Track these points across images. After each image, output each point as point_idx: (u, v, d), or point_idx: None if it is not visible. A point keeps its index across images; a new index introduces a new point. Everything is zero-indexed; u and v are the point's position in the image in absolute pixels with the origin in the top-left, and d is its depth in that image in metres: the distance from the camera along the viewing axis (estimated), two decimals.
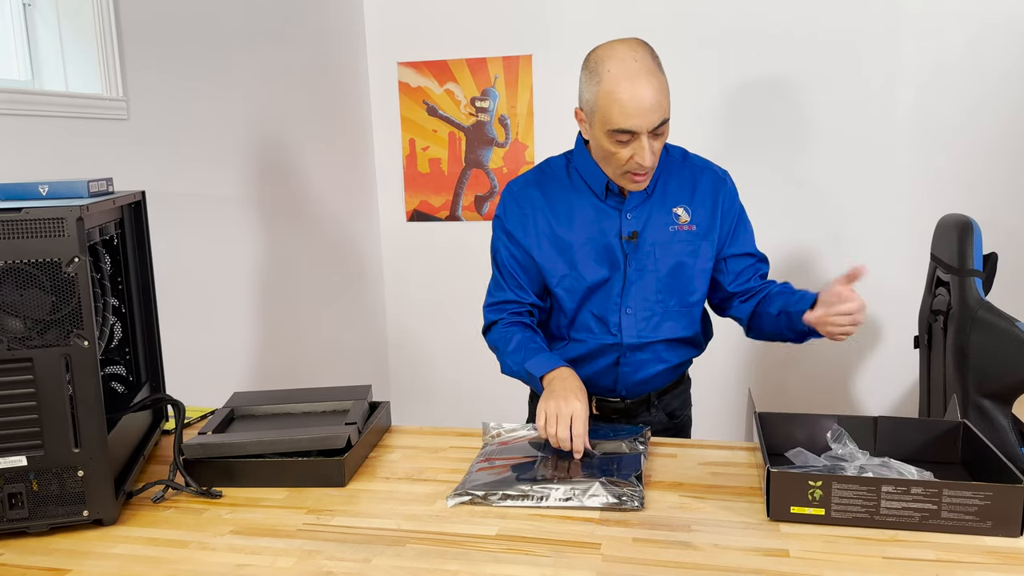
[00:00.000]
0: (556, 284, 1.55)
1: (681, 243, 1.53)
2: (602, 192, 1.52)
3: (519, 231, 1.56)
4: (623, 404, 1.62)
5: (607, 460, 1.31)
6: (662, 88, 1.36)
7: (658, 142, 1.40)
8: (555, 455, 1.34)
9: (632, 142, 1.38)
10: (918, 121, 2.77)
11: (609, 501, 1.18)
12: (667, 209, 1.53)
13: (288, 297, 2.70)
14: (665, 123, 1.38)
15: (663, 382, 1.64)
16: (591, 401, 1.59)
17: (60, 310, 1.09)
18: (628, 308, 1.54)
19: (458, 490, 1.23)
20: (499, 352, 1.57)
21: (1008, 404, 1.97)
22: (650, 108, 1.34)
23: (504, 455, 1.36)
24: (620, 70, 1.34)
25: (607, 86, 1.35)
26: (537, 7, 2.99)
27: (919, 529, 1.08)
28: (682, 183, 1.55)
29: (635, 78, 1.34)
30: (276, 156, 2.61)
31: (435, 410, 3.40)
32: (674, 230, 1.52)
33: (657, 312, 1.54)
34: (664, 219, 1.52)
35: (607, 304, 1.54)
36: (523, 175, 1.61)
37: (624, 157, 1.40)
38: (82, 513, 1.14)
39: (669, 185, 1.54)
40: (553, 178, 1.57)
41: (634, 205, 1.52)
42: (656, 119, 1.35)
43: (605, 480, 1.22)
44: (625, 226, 1.51)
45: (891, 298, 2.87)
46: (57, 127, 1.76)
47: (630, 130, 1.36)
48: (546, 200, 1.55)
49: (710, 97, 2.91)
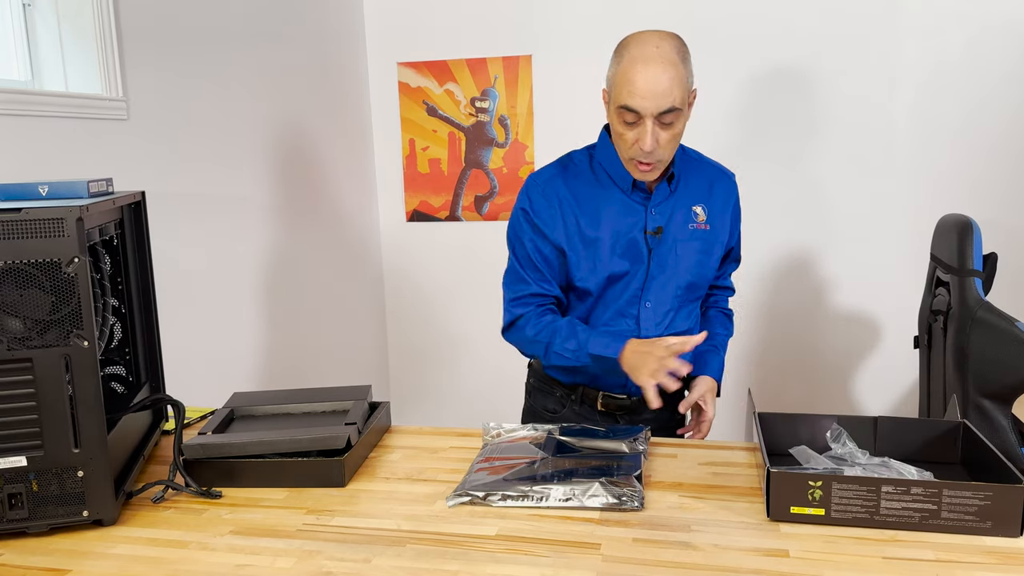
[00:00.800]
0: (580, 278, 1.56)
1: (698, 240, 1.57)
2: (628, 187, 1.54)
3: (547, 224, 1.56)
4: (629, 401, 1.63)
5: (607, 460, 1.31)
6: (676, 78, 1.39)
7: (665, 132, 1.42)
8: (555, 455, 1.34)
9: (638, 125, 1.41)
10: (918, 121, 2.77)
11: (609, 501, 1.18)
12: (688, 207, 1.57)
13: (288, 297, 2.70)
14: (673, 112, 1.40)
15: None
16: (596, 397, 1.63)
17: (60, 310, 1.09)
18: (648, 302, 1.56)
19: (458, 490, 1.23)
20: (541, 344, 1.56)
21: (1008, 404, 1.97)
22: (657, 92, 1.38)
23: (504, 455, 1.36)
24: (639, 53, 1.40)
25: (624, 65, 1.41)
26: (537, 7, 2.99)
27: (919, 529, 1.08)
28: (700, 183, 1.59)
29: (649, 62, 1.38)
30: (276, 156, 2.61)
31: (435, 410, 3.40)
32: (693, 228, 1.56)
33: (674, 307, 1.58)
34: (685, 216, 1.56)
35: (627, 296, 1.56)
36: (546, 168, 1.61)
37: (630, 140, 1.44)
38: (82, 513, 1.14)
39: (690, 183, 1.58)
40: (577, 172, 1.58)
41: (659, 201, 1.55)
42: (662, 104, 1.38)
43: (605, 480, 1.22)
44: (650, 221, 1.54)
45: (891, 298, 2.87)
46: (57, 127, 1.76)
47: (635, 110, 1.39)
48: (572, 194, 1.56)
49: (710, 97, 2.91)
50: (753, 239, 2.95)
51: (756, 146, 2.90)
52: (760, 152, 2.90)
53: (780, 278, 2.99)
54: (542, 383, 1.72)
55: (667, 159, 1.48)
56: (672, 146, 1.46)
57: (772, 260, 2.98)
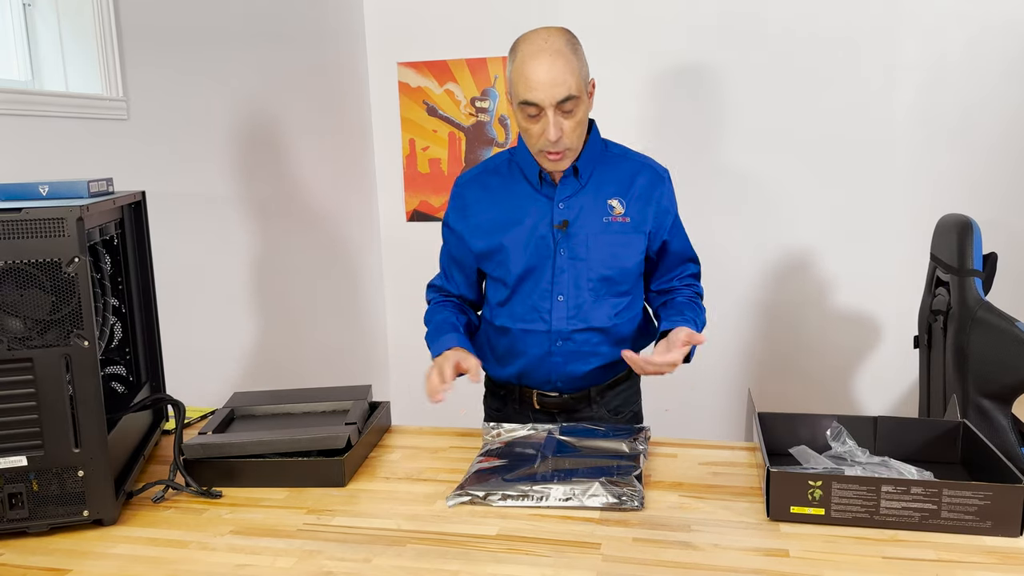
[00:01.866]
0: (491, 271, 1.62)
1: (615, 234, 1.56)
2: (536, 180, 1.56)
3: (459, 223, 1.64)
4: (561, 398, 1.64)
5: (607, 460, 1.31)
6: (567, 67, 1.43)
7: (568, 120, 1.45)
8: (555, 455, 1.34)
9: (540, 118, 1.45)
10: (918, 121, 2.77)
11: (609, 501, 1.18)
12: (602, 200, 1.57)
13: (288, 297, 2.70)
14: (571, 100, 1.44)
15: (603, 378, 1.65)
16: (531, 395, 1.66)
17: (60, 310, 1.09)
18: (559, 295, 1.57)
19: (458, 490, 1.24)
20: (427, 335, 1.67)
21: (1008, 404, 1.97)
22: (551, 83, 1.41)
23: (504, 455, 1.36)
24: (529, 49, 1.45)
25: (517, 63, 1.46)
26: (537, 7, 2.99)
27: (919, 529, 1.08)
28: (619, 177, 1.59)
29: (539, 55, 1.43)
30: (276, 156, 2.61)
31: (435, 410, 3.40)
32: (608, 221, 1.56)
33: (587, 300, 1.58)
34: (598, 209, 1.56)
35: (538, 291, 1.58)
36: (470, 170, 1.69)
37: (536, 133, 1.47)
38: (82, 513, 1.14)
39: (605, 177, 1.58)
40: (495, 171, 1.64)
41: (566, 195, 1.56)
42: (558, 94, 1.42)
43: (605, 480, 1.22)
44: (557, 215, 1.56)
45: (891, 298, 2.87)
46: (57, 127, 1.76)
47: (535, 103, 1.43)
48: (486, 191, 1.62)
49: (709, 97, 2.91)
50: (753, 239, 2.96)
51: (755, 146, 2.89)
52: (759, 152, 2.90)
53: (780, 278, 2.99)
54: (488, 382, 1.78)
55: (575, 147, 1.50)
56: (577, 133, 1.49)
57: (772, 260, 2.98)
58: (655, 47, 2.90)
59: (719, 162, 2.92)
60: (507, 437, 1.45)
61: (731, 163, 2.92)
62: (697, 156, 2.93)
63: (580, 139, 1.51)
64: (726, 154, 2.92)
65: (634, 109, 2.95)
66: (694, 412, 3.10)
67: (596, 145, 1.58)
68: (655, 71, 2.92)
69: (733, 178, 2.91)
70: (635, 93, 2.95)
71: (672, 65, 2.92)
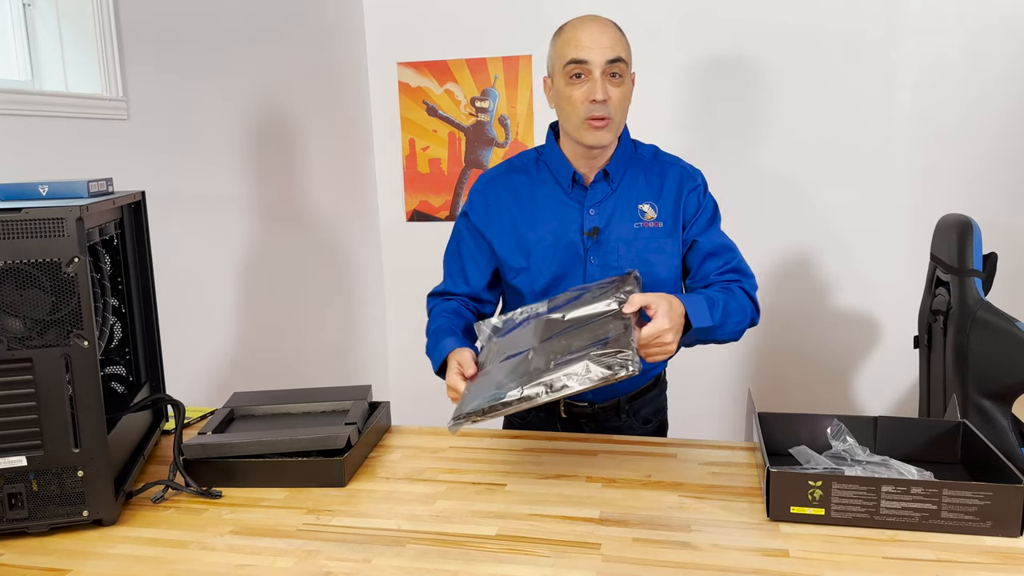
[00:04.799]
0: (513, 278, 1.55)
1: (646, 240, 1.51)
2: (568, 183, 1.51)
3: (482, 222, 1.56)
4: (591, 408, 1.60)
5: (596, 329, 1.22)
6: (617, 33, 1.44)
7: (615, 89, 1.43)
8: (543, 342, 1.26)
9: (587, 81, 1.42)
10: (917, 121, 2.77)
11: (602, 374, 1.10)
12: (632, 206, 1.51)
13: (288, 297, 2.70)
14: (620, 63, 1.42)
15: (632, 386, 1.61)
16: (559, 404, 1.59)
17: (60, 310, 1.09)
18: None
19: (456, 414, 1.19)
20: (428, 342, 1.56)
21: (1008, 404, 1.97)
22: (602, 43, 1.41)
23: (497, 358, 1.30)
24: (578, 20, 1.46)
25: (565, 35, 1.46)
26: (537, 7, 2.99)
27: (919, 529, 1.08)
28: (650, 180, 1.54)
29: (590, 20, 1.45)
30: (276, 156, 2.61)
31: (435, 410, 3.40)
32: (639, 227, 1.51)
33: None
34: (629, 216, 1.51)
35: None
36: (493, 168, 1.62)
37: (580, 97, 1.43)
38: (82, 513, 1.14)
39: (636, 181, 1.53)
40: (522, 170, 1.57)
41: (597, 200, 1.51)
42: (608, 54, 1.41)
43: (594, 354, 1.13)
44: (587, 221, 1.51)
45: (891, 298, 2.87)
46: (57, 127, 1.76)
47: (583, 60, 1.41)
48: (512, 193, 1.55)
49: (709, 96, 2.91)
50: (753, 239, 2.95)
51: (755, 146, 2.90)
52: (759, 152, 2.90)
53: (780, 278, 2.99)
54: None
55: (619, 121, 1.46)
56: (622, 107, 1.46)
57: (772, 260, 2.98)
58: (654, 50, 2.91)
59: (718, 163, 2.92)
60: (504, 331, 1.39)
61: (730, 164, 2.92)
62: (696, 158, 2.92)
63: (623, 117, 1.47)
64: (725, 155, 2.92)
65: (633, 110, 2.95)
66: (694, 412, 3.10)
67: (627, 147, 1.54)
68: (651, 76, 2.92)
69: (732, 179, 2.90)
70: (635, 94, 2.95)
71: (669, 65, 2.92)
